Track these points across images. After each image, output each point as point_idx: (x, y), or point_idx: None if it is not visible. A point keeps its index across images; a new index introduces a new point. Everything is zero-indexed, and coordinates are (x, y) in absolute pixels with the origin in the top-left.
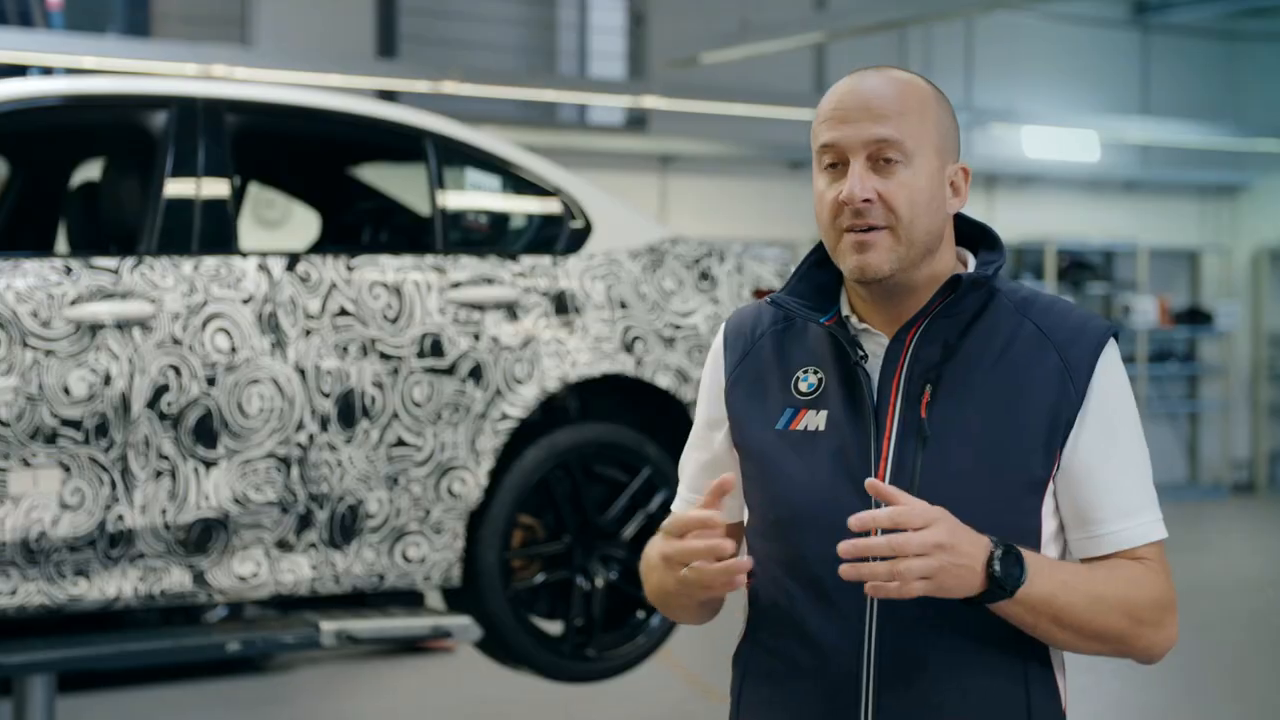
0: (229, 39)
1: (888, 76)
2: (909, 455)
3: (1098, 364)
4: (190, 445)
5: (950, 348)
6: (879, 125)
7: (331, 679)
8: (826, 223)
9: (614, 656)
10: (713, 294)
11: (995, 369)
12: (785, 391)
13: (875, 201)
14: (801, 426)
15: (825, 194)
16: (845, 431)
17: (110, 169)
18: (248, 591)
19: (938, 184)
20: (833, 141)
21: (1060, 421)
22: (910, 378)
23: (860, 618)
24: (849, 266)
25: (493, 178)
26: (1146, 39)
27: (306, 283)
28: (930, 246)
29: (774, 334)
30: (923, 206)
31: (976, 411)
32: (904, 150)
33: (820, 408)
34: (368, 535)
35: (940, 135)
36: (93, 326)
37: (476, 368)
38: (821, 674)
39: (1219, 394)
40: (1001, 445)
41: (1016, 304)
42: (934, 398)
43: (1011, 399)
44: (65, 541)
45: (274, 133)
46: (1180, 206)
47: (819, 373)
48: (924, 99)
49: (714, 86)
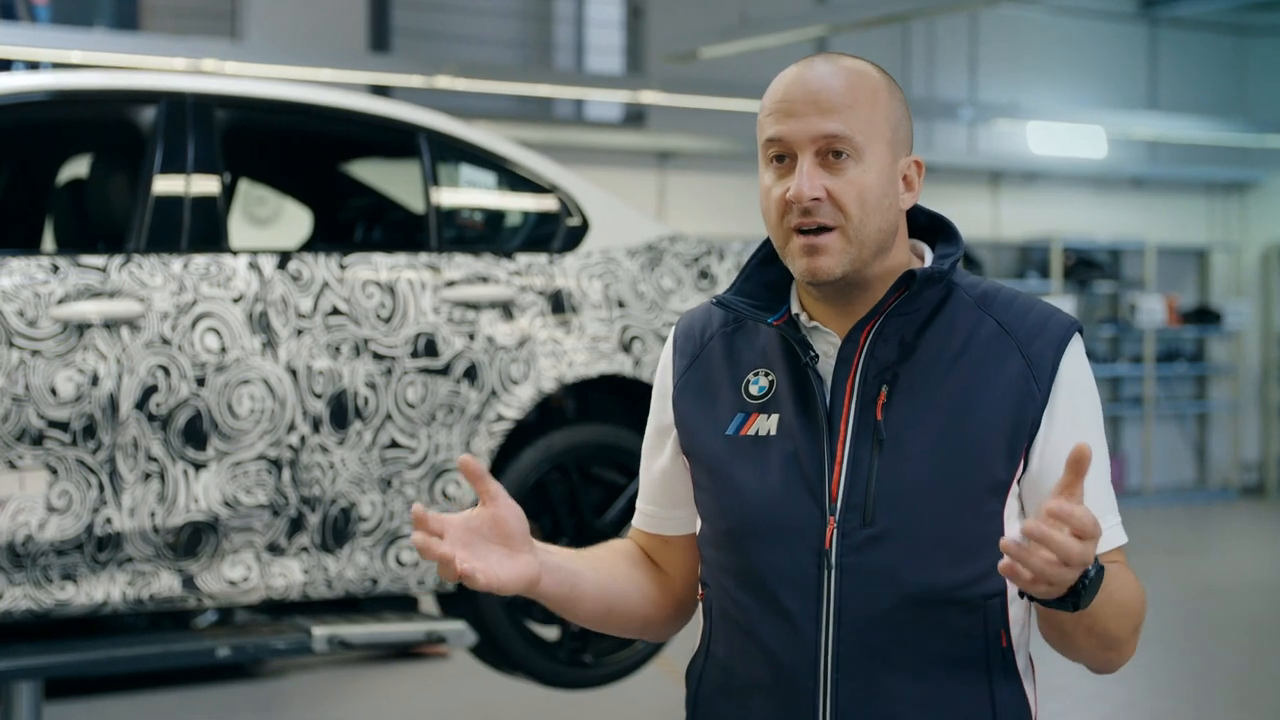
0: (219, 33)
1: (837, 66)
2: (864, 459)
3: (1062, 361)
4: (179, 447)
5: (907, 346)
6: (827, 119)
7: (324, 685)
8: (774, 221)
9: (611, 663)
10: (712, 293)
11: (954, 368)
12: (735, 395)
13: (824, 200)
14: (752, 431)
15: (772, 190)
16: (798, 436)
17: (98, 166)
18: (238, 596)
19: (889, 179)
20: (779, 136)
21: (1025, 421)
22: (865, 378)
23: (816, 629)
24: (798, 269)
25: (488, 174)
26: (1154, 33)
27: (298, 281)
28: (883, 244)
29: (724, 335)
30: (874, 204)
31: (935, 413)
32: (854, 145)
33: (771, 411)
34: (360, 539)
35: (892, 128)
36: (80, 326)
37: (471, 368)
38: (777, 688)
39: (1228, 395)
40: (961, 447)
41: (976, 299)
42: (890, 399)
43: (971, 399)
44: (52, 545)
45: (265, 128)
46: (1188, 204)
47: (770, 375)
48: (875, 90)
49: (713, 81)
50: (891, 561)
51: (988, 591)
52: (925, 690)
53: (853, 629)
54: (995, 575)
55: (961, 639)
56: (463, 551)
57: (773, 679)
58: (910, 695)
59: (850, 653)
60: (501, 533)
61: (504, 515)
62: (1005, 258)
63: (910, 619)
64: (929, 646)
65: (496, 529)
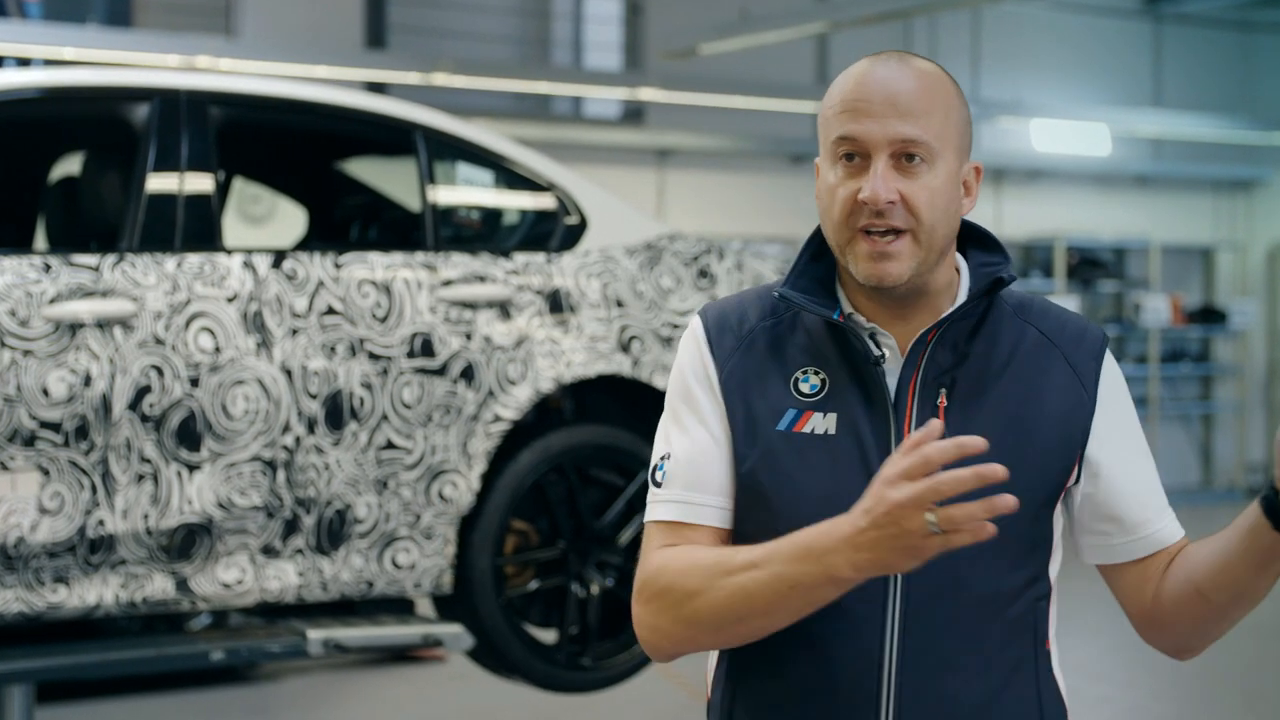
0: (213, 29)
1: (912, 68)
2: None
3: (1102, 368)
4: (173, 448)
5: (961, 352)
6: (906, 124)
7: (319, 689)
8: (838, 219)
9: (610, 665)
10: (711, 292)
11: (1006, 375)
12: (784, 392)
13: (898, 203)
14: (807, 429)
15: (838, 189)
16: (863, 435)
17: (90, 163)
18: (232, 599)
19: (955, 185)
20: (852, 135)
21: (1076, 428)
22: (925, 381)
23: (880, 632)
24: (862, 273)
25: (485, 172)
26: (1159, 29)
27: (293, 281)
28: (945, 250)
29: (765, 330)
30: (942, 210)
31: (993, 418)
32: (929, 150)
33: (827, 410)
34: (356, 541)
35: (960, 134)
36: (72, 326)
37: (468, 368)
38: (835, 693)
39: (1233, 395)
40: (1021, 453)
41: (1014, 308)
42: (949, 403)
43: (1025, 407)
44: (44, 547)
45: (259, 126)
46: (1193, 202)
47: (820, 373)
48: (949, 96)
49: (713, 78)
50: (957, 564)
51: (1039, 593)
52: (983, 691)
53: (918, 632)
54: (1044, 577)
55: (1015, 640)
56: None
57: (830, 683)
58: (969, 697)
59: (914, 656)
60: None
61: None
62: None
63: (973, 621)
64: (988, 648)
65: None
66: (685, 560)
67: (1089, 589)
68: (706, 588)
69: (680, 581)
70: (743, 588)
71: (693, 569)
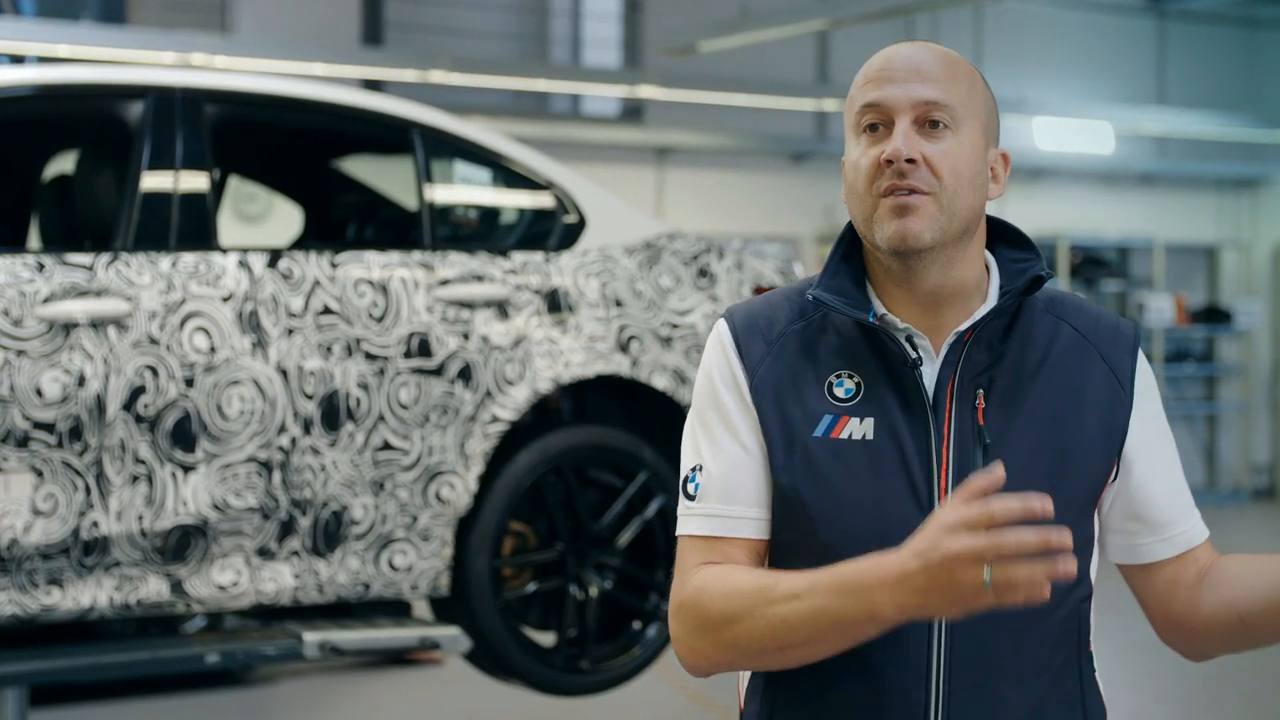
0: (208, 26)
1: (934, 48)
2: (970, 464)
3: (1137, 364)
4: (168, 449)
5: (996, 351)
6: (928, 87)
7: (315, 692)
8: (863, 188)
9: (609, 669)
10: (711, 292)
11: (1042, 374)
12: (820, 396)
13: (920, 164)
14: (845, 435)
15: (862, 158)
16: (901, 438)
17: (84, 162)
18: (228, 601)
19: (981, 161)
20: (877, 101)
21: (1116, 426)
22: (962, 382)
23: (927, 641)
24: (887, 234)
25: (482, 171)
26: (1163, 26)
27: (289, 280)
28: (970, 227)
29: (796, 333)
30: (966, 179)
31: (1032, 418)
32: (953, 115)
33: (863, 415)
34: (352, 543)
35: (986, 113)
36: (66, 325)
37: (466, 368)
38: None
39: (1238, 395)
40: (1062, 453)
41: (1045, 304)
42: (987, 403)
43: (1066, 406)
44: (38, 549)
45: (255, 124)
46: (1198, 200)
47: (854, 376)
48: (972, 73)
49: (713, 75)
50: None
51: (1083, 594)
52: (1030, 697)
53: (966, 640)
54: (1087, 578)
55: (1060, 645)
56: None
57: (876, 695)
58: (1017, 703)
59: (962, 664)
60: None
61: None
62: None
63: (1021, 626)
64: (1034, 653)
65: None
66: (726, 584)
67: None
68: (747, 615)
69: (720, 606)
70: (783, 618)
71: (734, 594)
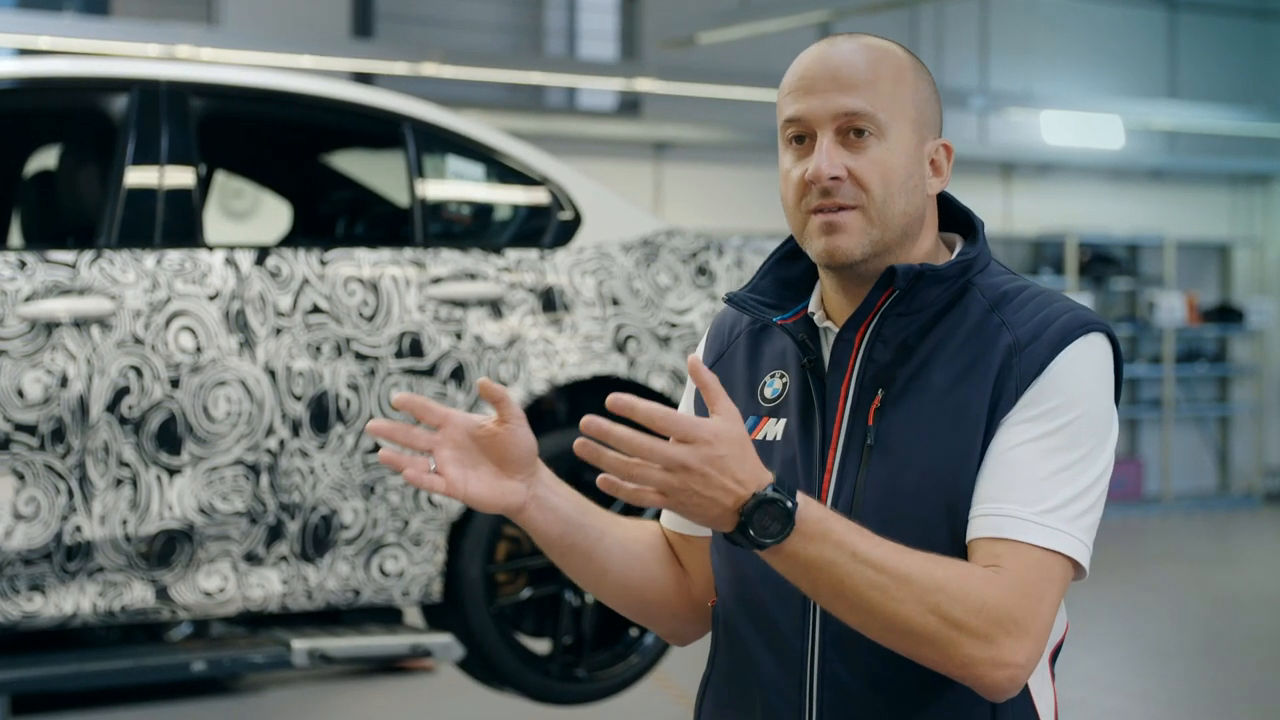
0: (194, 18)
1: (859, 43)
2: (852, 468)
3: (1056, 359)
4: (153, 451)
5: (908, 349)
6: (848, 96)
7: (304, 701)
8: (792, 204)
9: (605, 677)
10: (710, 290)
11: (947, 371)
12: (751, 398)
13: (845, 179)
14: (761, 436)
15: (791, 172)
16: (796, 442)
17: (67, 157)
18: (214, 607)
19: (915, 161)
20: (797, 115)
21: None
22: (861, 383)
23: (802, 641)
24: (816, 250)
25: (476, 166)
26: (1173, 18)
27: (277, 278)
28: (908, 230)
29: (749, 334)
30: (898, 185)
31: (929, 419)
32: (876, 123)
33: (780, 416)
34: (342, 547)
35: (917, 108)
36: (48, 325)
37: (458, 369)
38: (768, 700)
39: (1251, 396)
40: (949, 454)
41: (992, 301)
42: (884, 404)
43: (961, 404)
44: (19, 554)
45: (242, 118)
46: (1209, 196)
47: (784, 377)
48: (899, 68)
49: (712, 68)
50: None
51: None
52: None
53: (836, 642)
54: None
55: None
56: (449, 452)
57: (764, 690)
58: (897, 710)
59: (834, 666)
60: (500, 454)
61: (513, 439)
62: (1018, 253)
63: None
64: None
65: (497, 447)
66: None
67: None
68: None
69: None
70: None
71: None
